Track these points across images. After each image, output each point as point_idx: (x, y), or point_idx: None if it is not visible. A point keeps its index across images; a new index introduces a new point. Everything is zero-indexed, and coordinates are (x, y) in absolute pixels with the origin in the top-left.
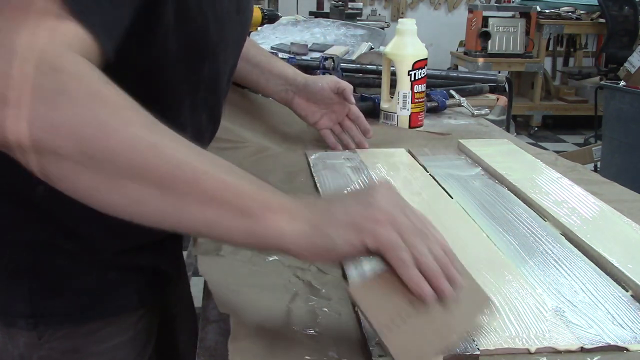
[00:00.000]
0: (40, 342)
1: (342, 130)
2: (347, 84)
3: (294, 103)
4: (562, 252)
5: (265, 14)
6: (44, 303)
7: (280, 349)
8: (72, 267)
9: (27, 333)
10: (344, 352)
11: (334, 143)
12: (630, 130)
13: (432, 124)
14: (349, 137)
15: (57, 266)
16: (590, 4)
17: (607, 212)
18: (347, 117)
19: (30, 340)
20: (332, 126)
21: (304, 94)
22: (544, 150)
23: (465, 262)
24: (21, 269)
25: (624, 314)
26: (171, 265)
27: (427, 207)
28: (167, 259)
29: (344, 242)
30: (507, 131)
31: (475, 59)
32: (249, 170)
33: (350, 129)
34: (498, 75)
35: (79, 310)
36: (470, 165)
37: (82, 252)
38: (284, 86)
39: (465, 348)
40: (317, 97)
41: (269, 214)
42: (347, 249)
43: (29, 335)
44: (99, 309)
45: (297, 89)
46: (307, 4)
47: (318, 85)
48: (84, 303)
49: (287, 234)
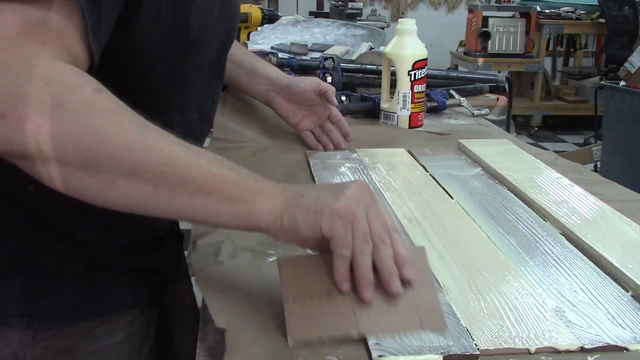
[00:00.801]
0: (34, 340)
1: (323, 132)
2: (330, 86)
3: (275, 103)
4: (562, 252)
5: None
6: (37, 302)
7: (280, 351)
8: (63, 267)
9: (21, 332)
10: (344, 352)
11: (315, 144)
12: (630, 130)
13: (432, 124)
14: (328, 139)
15: (48, 266)
16: (590, 4)
17: (607, 212)
18: (329, 120)
19: (24, 339)
20: (313, 128)
21: (286, 95)
22: (544, 150)
23: (465, 262)
24: (14, 268)
25: (624, 314)
26: (169, 265)
27: (427, 207)
28: (165, 258)
29: (304, 224)
30: (507, 131)
31: (475, 59)
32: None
33: (331, 132)
34: (498, 75)
35: (72, 309)
36: (470, 165)
37: (73, 252)
38: (266, 86)
39: (465, 348)
40: (298, 98)
41: (251, 199)
42: (307, 231)
43: (23, 334)
44: (92, 308)
45: (279, 89)
46: (307, 4)
47: (300, 86)
48: (77, 302)
49: (266, 216)
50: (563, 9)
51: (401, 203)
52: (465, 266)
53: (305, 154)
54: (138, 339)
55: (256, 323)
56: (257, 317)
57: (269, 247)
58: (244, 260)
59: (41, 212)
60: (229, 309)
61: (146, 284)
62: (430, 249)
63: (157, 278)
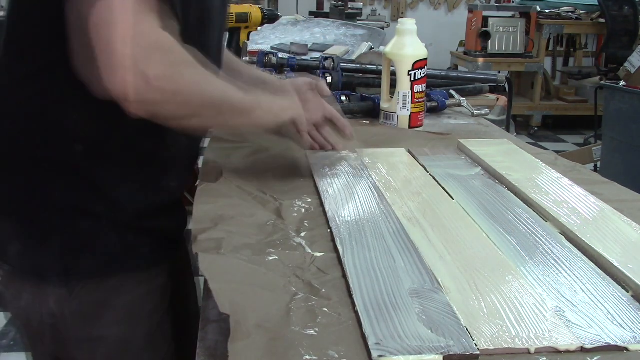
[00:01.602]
0: (71, 297)
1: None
2: (320, 79)
3: None
4: (562, 252)
5: (265, 14)
6: (74, 260)
7: (280, 349)
8: (97, 227)
9: (58, 290)
10: (344, 352)
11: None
12: (630, 130)
13: (432, 124)
14: (323, 138)
15: (85, 226)
16: (590, 4)
17: (607, 212)
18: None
19: (61, 297)
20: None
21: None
22: (544, 150)
23: (465, 262)
24: (53, 229)
25: (624, 314)
26: (178, 230)
27: (427, 207)
28: (175, 223)
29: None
30: (507, 131)
31: (475, 59)
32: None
33: (324, 130)
34: (498, 75)
35: (105, 266)
36: (470, 165)
37: (108, 213)
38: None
39: (465, 348)
40: None
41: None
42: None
43: (60, 291)
44: (121, 265)
45: (274, 89)
46: (307, 4)
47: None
48: (108, 259)
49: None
50: (563, 9)
51: (401, 203)
52: (465, 266)
53: (305, 154)
54: (157, 296)
55: (257, 313)
56: (258, 307)
57: (269, 246)
58: (245, 256)
59: (83, 174)
60: (232, 296)
61: (161, 246)
62: (430, 249)
63: (169, 241)
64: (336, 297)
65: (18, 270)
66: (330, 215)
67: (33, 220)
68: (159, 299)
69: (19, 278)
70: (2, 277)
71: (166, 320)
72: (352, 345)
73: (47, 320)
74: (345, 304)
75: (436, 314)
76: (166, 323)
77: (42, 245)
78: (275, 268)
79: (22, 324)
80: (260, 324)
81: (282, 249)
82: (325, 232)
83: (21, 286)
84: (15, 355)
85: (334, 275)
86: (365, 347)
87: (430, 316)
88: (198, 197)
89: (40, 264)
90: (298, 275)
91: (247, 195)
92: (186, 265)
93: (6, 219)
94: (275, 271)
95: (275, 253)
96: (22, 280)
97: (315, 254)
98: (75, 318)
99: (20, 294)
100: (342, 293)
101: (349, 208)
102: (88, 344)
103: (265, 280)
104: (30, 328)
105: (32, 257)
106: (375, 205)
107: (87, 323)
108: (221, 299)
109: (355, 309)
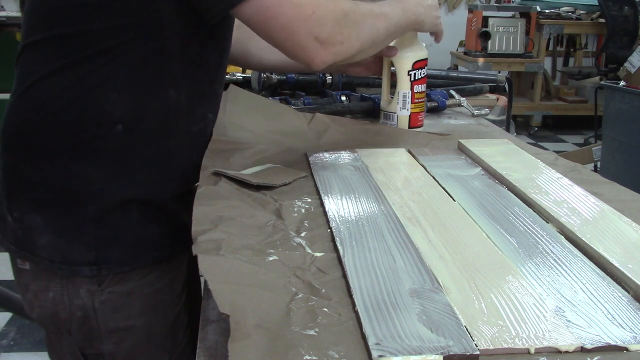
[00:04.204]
0: (101, 288)
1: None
2: None
3: None
4: (562, 252)
5: None
6: (105, 251)
7: (280, 349)
8: (125, 219)
9: (89, 280)
10: (344, 352)
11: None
12: (630, 130)
13: (432, 124)
14: None
15: (115, 217)
16: (590, 4)
17: (607, 212)
18: None
19: (91, 287)
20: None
21: None
22: (544, 150)
23: (465, 262)
24: (87, 220)
25: (624, 314)
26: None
27: (427, 207)
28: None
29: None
30: (507, 131)
31: (475, 59)
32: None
33: None
34: (498, 75)
35: (132, 257)
36: (470, 165)
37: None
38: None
39: (465, 348)
40: None
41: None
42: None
43: (90, 282)
44: (146, 256)
45: None
46: None
47: None
48: (135, 251)
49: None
50: (563, 9)
51: (401, 203)
52: (465, 266)
53: (305, 154)
54: (176, 288)
55: (257, 313)
56: (258, 307)
57: (269, 246)
58: (245, 256)
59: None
60: (231, 297)
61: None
62: (430, 249)
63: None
64: (336, 297)
65: (47, 262)
66: (330, 215)
67: (68, 210)
68: (180, 288)
69: (48, 270)
70: (30, 270)
71: (184, 309)
72: (352, 345)
73: (77, 312)
74: (345, 304)
75: (436, 314)
76: (184, 311)
77: (75, 236)
78: (275, 268)
79: (48, 318)
80: (260, 324)
81: (282, 249)
82: (325, 232)
83: (50, 278)
84: (16, 355)
85: (334, 275)
86: (365, 347)
87: (430, 316)
88: (197, 198)
89: (71, 255)
90: (298, 276)
91: (246, 197)
92: None
93: (39, 210)
94: (275, 271)
95: (275, 253)
96: (51, 273)
97: (315, 254)
98: (105, 309)
99: (48, 286)
100: (342, 293)
101: (349, 208)
102: (117, 334)
103: (265, 280)
104: (58, 322)
105: (64, 248)
106: (375, 205)
107: (116, 314)
108: (221, 299)
109: (355, 309)
